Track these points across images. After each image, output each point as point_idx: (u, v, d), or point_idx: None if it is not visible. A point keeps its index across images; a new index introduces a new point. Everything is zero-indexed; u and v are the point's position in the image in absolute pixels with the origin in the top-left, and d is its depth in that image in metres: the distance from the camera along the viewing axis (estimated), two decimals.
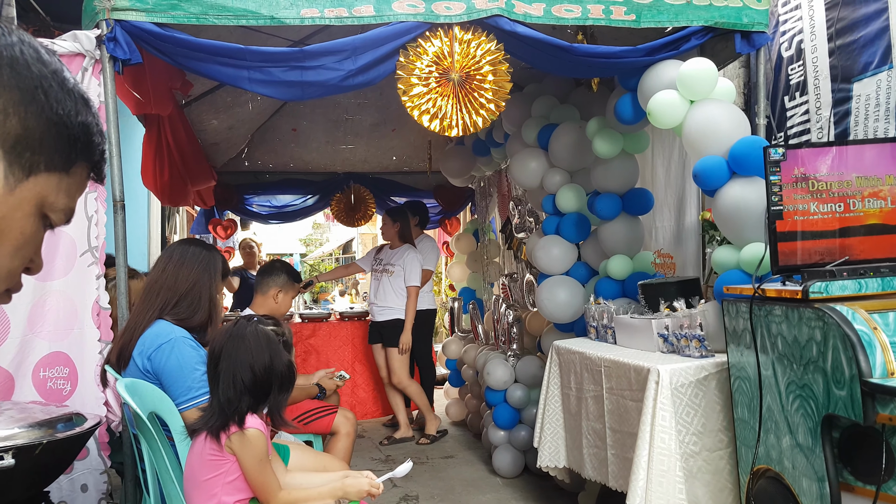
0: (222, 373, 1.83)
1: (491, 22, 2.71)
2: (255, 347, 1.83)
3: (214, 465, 1.79)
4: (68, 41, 2.54)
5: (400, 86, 2.78)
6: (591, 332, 3.15)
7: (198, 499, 1.81)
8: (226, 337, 1.87)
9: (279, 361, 1.85)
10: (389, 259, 4.97)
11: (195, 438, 1.85)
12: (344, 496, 1.90)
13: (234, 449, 1.77)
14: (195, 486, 1.82)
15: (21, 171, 0.57)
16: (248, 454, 1.78)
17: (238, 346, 1.84)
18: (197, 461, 1.82)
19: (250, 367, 1.81)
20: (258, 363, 1.82)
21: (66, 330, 2.56)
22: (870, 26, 2.73)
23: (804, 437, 1.96)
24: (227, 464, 1.78)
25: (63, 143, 0.59)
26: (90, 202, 2.60)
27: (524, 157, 3.90)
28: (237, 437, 1.77)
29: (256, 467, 1.78)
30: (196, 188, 4.98)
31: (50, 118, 0.58)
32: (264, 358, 1.83)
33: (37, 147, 0.57)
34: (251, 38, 3.01)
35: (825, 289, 1.94)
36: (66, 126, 0.59)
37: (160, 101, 3.41)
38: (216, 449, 1.78)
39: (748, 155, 2.48)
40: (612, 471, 2.63)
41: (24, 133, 0.56)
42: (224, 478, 1.79)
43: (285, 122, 5.31)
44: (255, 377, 1.81)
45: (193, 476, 1.84)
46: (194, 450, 1.84)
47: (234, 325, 1.91)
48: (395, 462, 4.42)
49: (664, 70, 2.81)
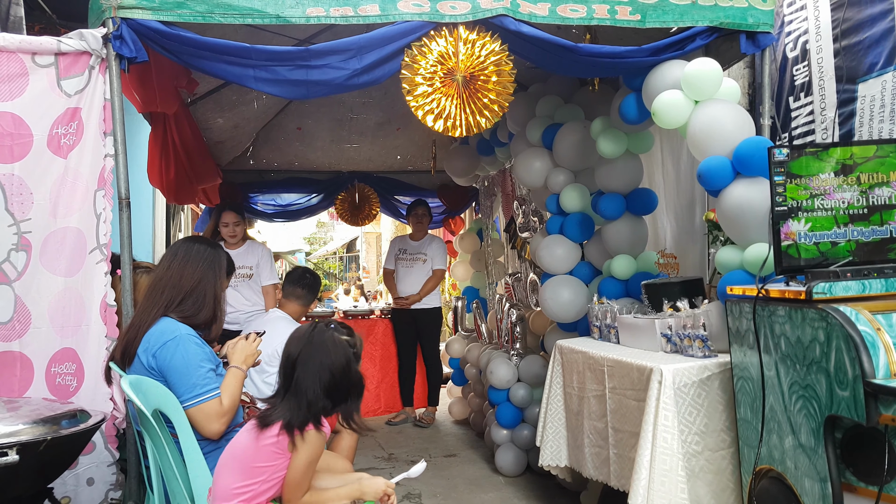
0: (308, 372, 1.88)
1: (496, 21, 2.71)
2: (334, 353, 1.92)
3: (272, 456, 1.83)
4: (74, 39, 2.56)
5: (405, 85, 2.78)
6: (594, 331, 3.15)
7: (238, 479, 1.82)
8: (306, 339, 1.94)
9: (355, 368, 1.95)
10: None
11: (258, 425, 1.87)
12: (361, 497, 1.93)
13: (298, 447, 1.80)
14: (241, 466, 1.83)
15: None
16: (306, 454, 1.82)
17: (319, 350, 1.92)
18: (252, 444, 1.84)
19: (330, 371, 1.89)
20: (337, 367, 1.91)
21: (75, 326, 2.58)
22: (875, 27, 2.73)
23: (807, 438, 1.96)
24: (283, 460, 1.83)
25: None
26: (98, 200, 2.61)
27: (528, 156, 3.90)
28: (307, 437, 1.80)
29: (304, 467, 1.83)
30: (202, 186, 5.00)
31: None
32: (342, 363, 1.92)
33: None
34: (257, 37, 3.02)
35: (829, 289, 1.94)
36: None
37: (166, 99, 3.43)
38: (278, 442, 1.80)
39: (752, 155, 2.48)
40: (613, 470, 2.63)
41: None
42: (273, 472, 1.84)
43: (290, 120, 5.32)
44: (335, 380, 1.89)
45: (241, 454, 1.85)
46: (253, 433, 1.85)
47: (314, 328, 1.98)
48: (397, 460, 4.43)
49: (669, 70, 2.81)
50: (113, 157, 2.62)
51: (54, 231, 2.56)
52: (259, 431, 1.84)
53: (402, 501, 3.57)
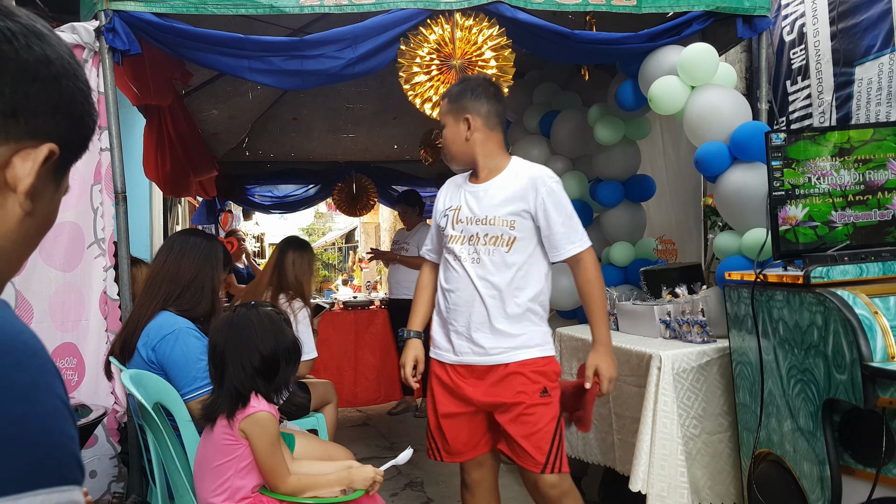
0: (230, 360, 1.86)
1: (492, 8, 2.69)
2: (260, 331, 1.89)
3: (228, 450, 1.82)
4: (67, 33, 2.54)
5: (401, 74, 2.77)
6: None
7: (210, 484, 1.84)
8: (228, 326, 1.90)
9: (284, 339, 1.91)
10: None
11: (207, 425, 1.88)
12: (350, 485, 1.94)
13: (248, 432, 1.81)
14: (207, 471, 1.85)
15: (61, 174, 0.65)
16: (261, 437, 1.82)
17: (242, 333, 1.88)
18: (210, 446, 1.85)
19: (258, 350, 1.86)
20: (265, 345, 1.88)
21: (75, 321, 2.58)
22: (872, 9, 2.71)
23: (805, 421, 1.97)
24: (241, 448, 1.82)
25: (83, 147, 0.67)
26: (95, 194, 2.60)
27: (526, 144, 3.89)
28: (251, 420, 1.81)
29: (268, 450, 1.83)
30: (198, 178, 4.98)
31: (86, 130, 0.66)
32: (270, 340, 1.89)
33: (73, 153, 0.66)
34: (250, 28, 3.00)
35: (826, 274, 1.94)
36: (90, 134, 0.67)
37: (160, 91, 3.41)
38: (230, 434, 1.81)
39: (750, 140, 2.48)
40: (618, 455, 2.65)
41: (70, 142, 0.64)
42: (237, 463, 1.82)
43: (286, 111, 5.30)
44: (264, 359, 1.87)
45: (206, 461, 1.86)
46: (207, 435, 1.87)
47: (234, 312, 1.94)
48: (399, 449, 4.43)
49: (665, 56, 2.80)
50: (108, 150, 2.61)
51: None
52: (210, 430, 1.85)
53: (404, 489, 3.59)
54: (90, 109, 0.66)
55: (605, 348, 2.05)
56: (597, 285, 2.06)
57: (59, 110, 0.61)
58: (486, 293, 2.04)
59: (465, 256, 2.08)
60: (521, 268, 2.05)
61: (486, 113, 2.09)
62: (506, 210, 2.04)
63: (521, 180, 2.05)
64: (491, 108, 2.09)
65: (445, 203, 2.22)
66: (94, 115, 0.67)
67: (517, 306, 2.03)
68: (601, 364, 2.03)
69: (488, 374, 2.06)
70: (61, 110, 0.62)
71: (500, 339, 2.04)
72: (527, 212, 2.03)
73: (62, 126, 0.62)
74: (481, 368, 2.07)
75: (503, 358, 2.04)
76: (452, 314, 2.11)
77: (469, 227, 2.08)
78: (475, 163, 2.13)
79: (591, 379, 2.03)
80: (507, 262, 2.04)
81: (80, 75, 0.64)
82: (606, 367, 2.03)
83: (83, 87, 0.64)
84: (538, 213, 2.03)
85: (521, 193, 2.03)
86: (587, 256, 2.08)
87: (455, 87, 2.15)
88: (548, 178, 2.05)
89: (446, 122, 2.14)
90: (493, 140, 2.11)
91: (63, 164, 0.64)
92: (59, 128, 0.62)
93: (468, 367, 2.09)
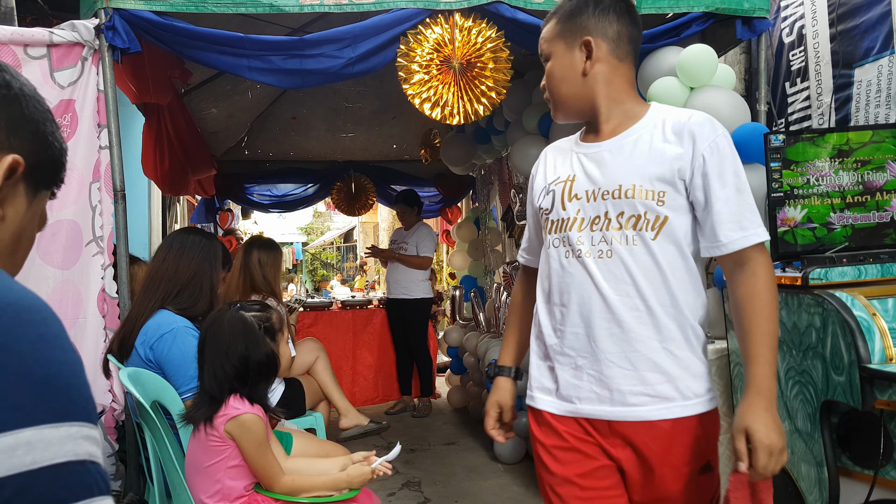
0: (207, 362, 1.84)
1: (492, 9, 2.70)
2: (230, 336, 1.83)
3: (216, 451, 1.81)
4: (67, 31, 2.53)
5: (401, 73, 2.77)
6: None
7: (201, 485, 1.83)
8: (207, 328, 1.88)
9: (256, 351, 1.84)
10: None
11: (195, 426, 1.87)
12: (349, 486, 1.93)
13: (234, 434, 1.80)
14: (198, 472, 1.84)
15: (34, 190, 0.71)
16: (247, 439, 1.80)
17: (217, 334, 1.85)
18: (199, 448, 1.84)
19: (226, 356, 1.82)
20: (233, 352, 1.82)
21: (73, 319, 2.58)
22: (871, 11, 2.72)
23: (803, 423, 1.97)
24: (229, 449, 1.81)
25: (55, 168, 0.74)
26: (94, 192, 2.60)
27: (525, 144, 3.89)
28: (235, 423, 1.79)
29: (256, 452, 1.81)
30: (196, 177, 4.98)
31: (52, 150, 0.72)
32: (239, 347, 1.83)
33: (44, 172, 0.72)
34: (249, 27, 3.00)
35: (825, 275, 1.94)
36: (59, 156, 0.74)
37: (159, 89, 3.41)
38: (217, 435, 1.80)
39: (748, 142, 2.48)
40: None
41: (38, 160, 0.70)
42: (226, 463, 1.81)
43: (285, 110, 5.29)
44: (234, 366, 1.82)
45: (196, 463, 1.86)
46: (195, 437, 1.86)
47: (217, 311, 1.92)
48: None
49: (664, 57, 2.80)
50: (108, 148, 2.61)
51: (49, 224, 2.55)
52: (197, 433, 1.84)
53: (401, 489, 3.59)
54: (55, 131, 0.72)
55: (765, 402, 1.27)
56: (766, 300, 1.32)
57: (22, 128, 0.68)
58: (621, 305, 1.34)
59: (585, 249, 1.37)
60: (675, 265, 1.34)
61: (615, 35, 1.42)
62: (651, 173, 1.32)
63: (669, 133, 1.34)
64: (622, 29, 1.44)
65: (550, 175, 1.53)
66: (59, 139, 0.73)
67: (676, 328, 1.35)
68: (755, 426, 1.24)
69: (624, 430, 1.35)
70: (24, 128, 0.68)
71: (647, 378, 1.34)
72: (682, 179, 1.32)
73: (25, 143, 0.68)
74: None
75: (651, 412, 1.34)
76: (564, 340, 1.41)
77: (591, 204, 1.38)
78: (595, 110, 1.43)
79: (741, 454, 1.23)
80: (654, 255, 1.33)
81: (42, 103, 0.71)
82: (765, 432, 1.22)
83: (47, 113, 0.71)
84: (694, 178, 1.31)
85: (672, 151, 1.33)
86: (758, 256, 1.32)
87: (569, 1, 1.46)
88: (710, 130, 1.32)
89: (553, 51, 1.46)
90: (623, 76, 1.43)
91: (34, 181, 0.70)
92: (22, 144, 0.68)
93: (592, 420, 1.37)
